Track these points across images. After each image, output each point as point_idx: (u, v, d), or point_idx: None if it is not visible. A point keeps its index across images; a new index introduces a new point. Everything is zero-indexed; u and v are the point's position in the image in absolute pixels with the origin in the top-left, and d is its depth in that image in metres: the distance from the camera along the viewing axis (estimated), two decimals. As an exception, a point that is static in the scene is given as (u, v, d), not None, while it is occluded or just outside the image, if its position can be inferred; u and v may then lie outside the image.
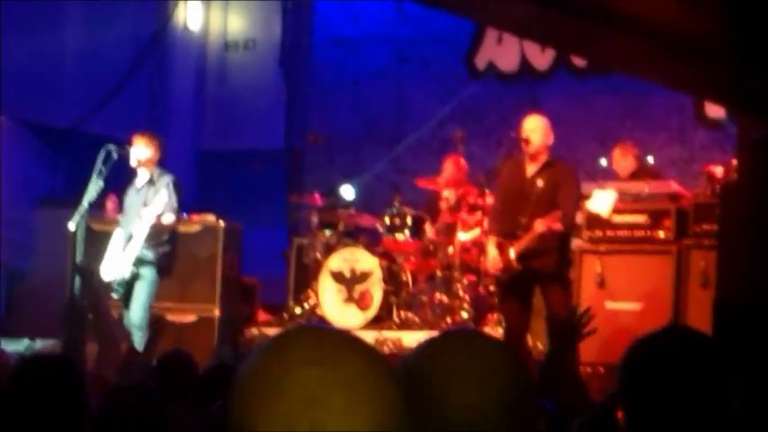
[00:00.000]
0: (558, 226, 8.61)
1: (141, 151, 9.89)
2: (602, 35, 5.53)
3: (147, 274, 9.78)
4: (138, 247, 9.66)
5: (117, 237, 10.02)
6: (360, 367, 1.44)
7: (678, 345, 2.65)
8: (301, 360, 1.44)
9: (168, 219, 9.76)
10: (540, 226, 8.57)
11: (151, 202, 9.69)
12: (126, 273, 9.70)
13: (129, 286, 9.75)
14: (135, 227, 9.71)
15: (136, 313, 9.71)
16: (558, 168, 8.95)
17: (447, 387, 1.90)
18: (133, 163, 9.90)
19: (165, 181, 9.85)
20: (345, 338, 1.49)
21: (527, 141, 8.83)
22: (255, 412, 1.42)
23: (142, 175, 9.98)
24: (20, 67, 12.74)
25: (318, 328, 1.54)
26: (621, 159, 10.87)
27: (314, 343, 1.48)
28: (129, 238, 9.76)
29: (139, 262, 9.72)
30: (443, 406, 1.88)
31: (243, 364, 1.49)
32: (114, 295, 9.83)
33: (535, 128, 8.91)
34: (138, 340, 9.54)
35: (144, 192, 9.90)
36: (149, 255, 9.74)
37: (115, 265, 9.78)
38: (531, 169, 8.90)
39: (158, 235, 9.77)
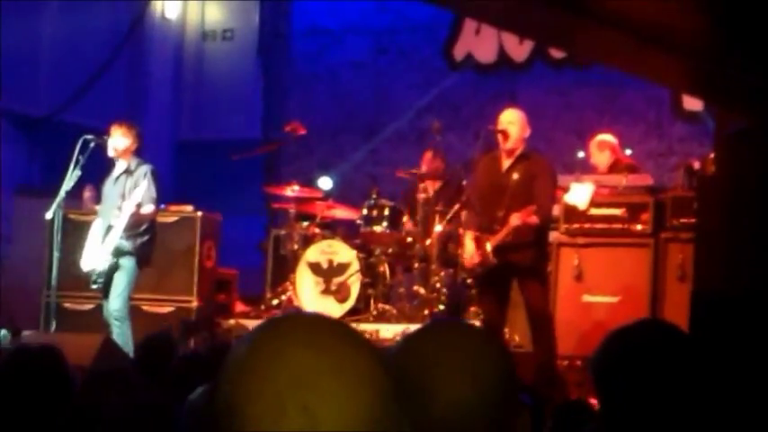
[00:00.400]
0: (533, 219, 8.63)
1: (119, 141, 9.83)
2: (582, 27, 5.53)
3: (126, 264, 9.72)
4: (116, 237, 9.62)
5: (96, 227, 9.98)
6: (352, 354, 1.45)
7: (650, 338, 2.67)
8: (294, 342, 1.44)
9: (148, 209, 9.73)
10: (515, 220, 8.60)
11: (129, 193, 9.65)
12: (105, 264, 9.67)
13: (108, 277, 9.72)
14: (114, 219, 9.67)
15: (114, 303, 9.66)
16: (533, 160, 8.98)
17: (433, 379, 1.89)
18: (111, 153, 9.83)
19: (144, 170, 9.81)
20: (339, 326, 1.50)
21: (504, 134, 8.84)
22: (245, 393, 1.42)
23: (119, 165, 9.92)
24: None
25: (313, 314, 1.55)
26: (598, 153, 10.88)
27: (308, 327, 1.48)
28: (108, 229, 9.72)
29: (118, 252, 9.67)
30: (430, 398, 1.87)
31: (234, 347, 1.49)
32: (94, 286, 9.80)
33: (513, 120, 8.93)
34: (117, 330, 9.52)
35: (122, 182, 9.84)
36: (128, 245, 9.70)
37: (94, 255, 9.75)
38: (506, 163, 8.92)
39: (137, 225, 9.73)
